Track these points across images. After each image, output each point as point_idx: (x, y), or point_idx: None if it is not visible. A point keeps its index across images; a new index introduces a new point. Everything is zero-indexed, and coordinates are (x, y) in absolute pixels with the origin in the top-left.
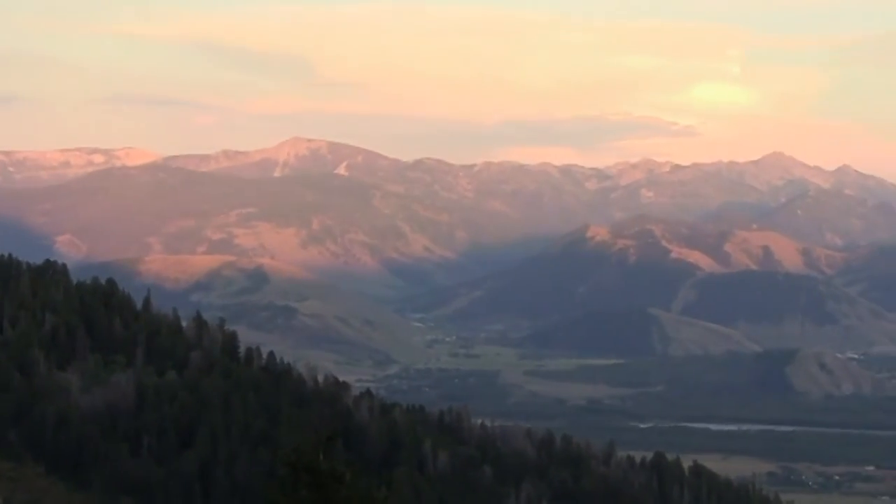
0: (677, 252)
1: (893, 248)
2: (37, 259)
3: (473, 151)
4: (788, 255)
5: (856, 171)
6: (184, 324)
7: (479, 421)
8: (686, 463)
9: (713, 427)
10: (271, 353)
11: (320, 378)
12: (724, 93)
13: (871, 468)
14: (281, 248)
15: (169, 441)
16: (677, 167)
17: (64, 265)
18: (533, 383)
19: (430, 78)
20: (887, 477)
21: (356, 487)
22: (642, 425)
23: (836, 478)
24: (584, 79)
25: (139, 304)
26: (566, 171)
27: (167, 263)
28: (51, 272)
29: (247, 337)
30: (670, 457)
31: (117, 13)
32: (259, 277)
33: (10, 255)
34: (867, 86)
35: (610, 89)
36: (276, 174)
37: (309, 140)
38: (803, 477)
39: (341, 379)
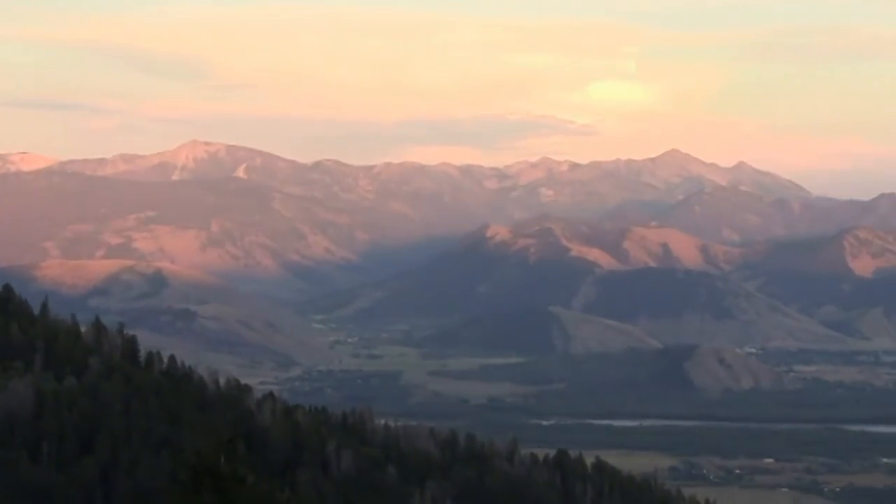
0: (577, 250)
1: (790, 244)
2: None
3: (373, 152)
4: (687, 251)
5: (752, 167)
6: (83, 329)
7: (383, 421)
8: (589, 459)
9: (615, 423)
10: (172, 357)
11: (222, 381)
12: (621, 90)
13: (770, 461)
14: (180, 252)
15: (69, 447)
16: (576, 166)
17: None
18: (436, 383)
19: (328, 79)
20: (786, 469)
21: (258, 490)
22: (545, 423)
23: (737, 471)
24: (483, 78)
25: (36, 310)
26: (466, 170)
27: (65, 269)
28: None
29: (147, 341)
30: (573, 454)
31: (9, 16)
32: (158, 281)
33: None
34: (762, 83)
35: (508, 88)
36: (175, 178)
37: (207, 143)
38: (704, 471)
39: (243, 382)
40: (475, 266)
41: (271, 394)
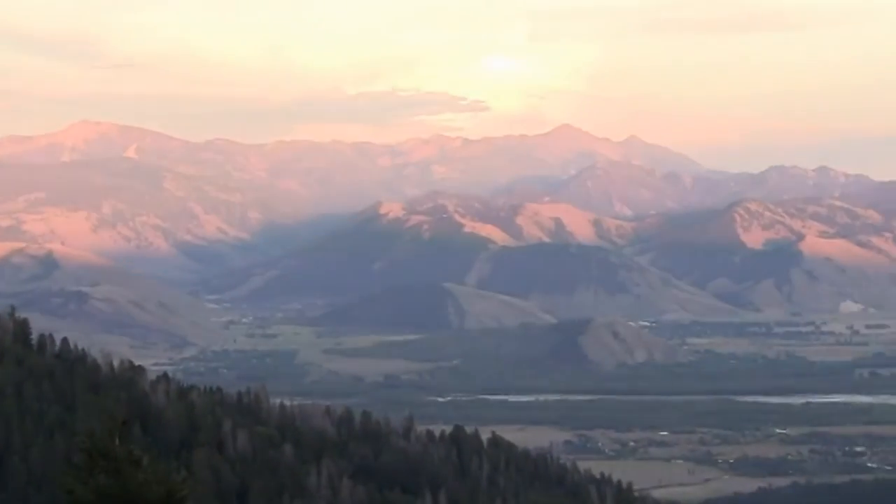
0: (470, 226)
1: (681, 217)
2: None
3: (265, 130)
4: (580, 226)
5: (644, 142)
6: None
7: (278, 401)
8: (484, 435)
9: (510, 399)
10: (65, 340)
11: (115, 363)
12: (513, 66)
13: (664, 433)
14: (71, 234)
15: None
16: (468, 142)
17: None
18: (331, 361)
19: (219, 57)
20: (680, 441)
21: (154, 471)
22: (440, 399)
23: (632, 444)
24: (374, 55)
25: None
26: (358, 148)
27: None
28: None
29: (39, 324)
30: (469, 429)
31: None
32: (49, 263)
33: None
34: (653, 57)
35: (399, 65)
36: (65, 159)
37: (97, 123)
38: (599, 444)
39: (137, 363)
40: (369, 244)
41: (165, 375)
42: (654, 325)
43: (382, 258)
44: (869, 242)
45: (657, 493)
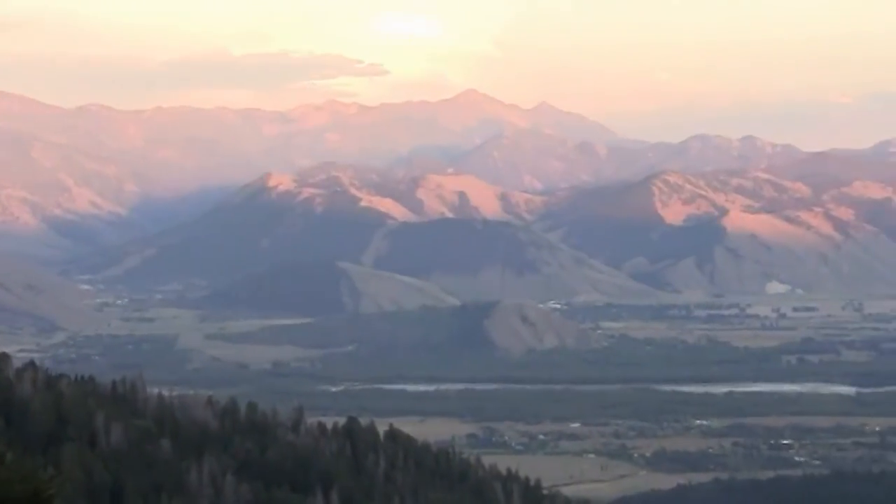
0: (367, 200)
1: (595, 191)
2: None
3: (142, 96)
4: (485, 200)
5: (555, 108)
6: None
7: (156, 390)
8: (381, 427)
9: (409, 388)
10: None
11: None
12: (413, 26)
13: (576, 425)
14: None
15: None
16: (365, 109)
17: None
18: (214, 347)
19: (91, 15)
20: (593, 434)
21: (18, 468)
22: (333, 388)
23: (541, 437)
24: (264, 13)
25: None
26: (245, 115)
27: None
28: None
29: None
30: (364, 421)
31: None
32: None
33: None
34: (565, 17)
35: (291, 25)
36: None
37: None
38: (506, 437)
39: (0, 350)
40: (256, 219)
41: (32, 362)
42: (565, 307)
43: (271, 235)
44: (797, 218)
45: (568, 491)
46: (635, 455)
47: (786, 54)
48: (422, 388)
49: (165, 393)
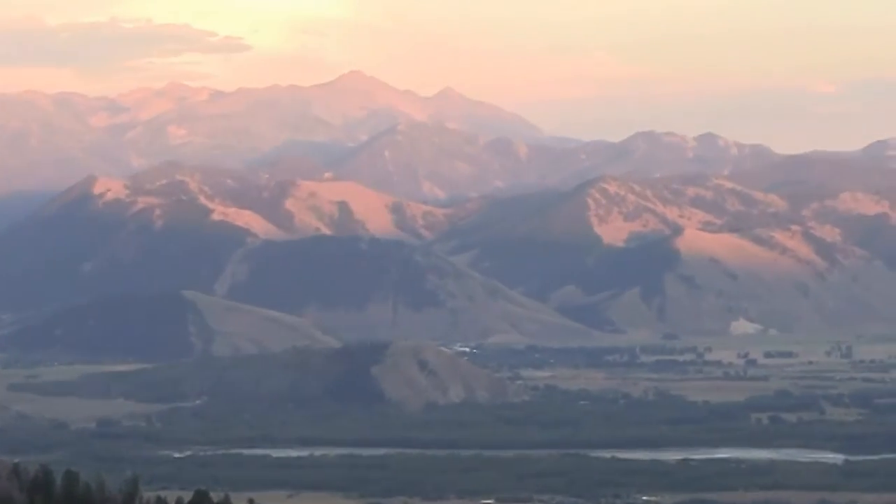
0: (221, 212)
1: (513, 202)
2: None
3: None
4: (373, 213)
5: (462, 97)
6: None
7: None
8: None
9: (275, 453)
10: None
11: None
12: None
13: (489, 502)
14: None
15: None
16: (218, 94)
17: None
18: (21, 401)
19: None
20: None
21: None
22: (177, 454)
23: None
24: None
25: None
26: (63, 101)
27: None
28: None
29: None
30: (216, 496)
31: None
32: None
33: None
34: None
35: None
36: None
37: None
38: None
39: None
40: (77, 235)
41: None
42: (475, 351)
43: (96, 256)
44: (770, 239)
45: None
46: None
47: (755, 32)
48: (291, 453)
49: None
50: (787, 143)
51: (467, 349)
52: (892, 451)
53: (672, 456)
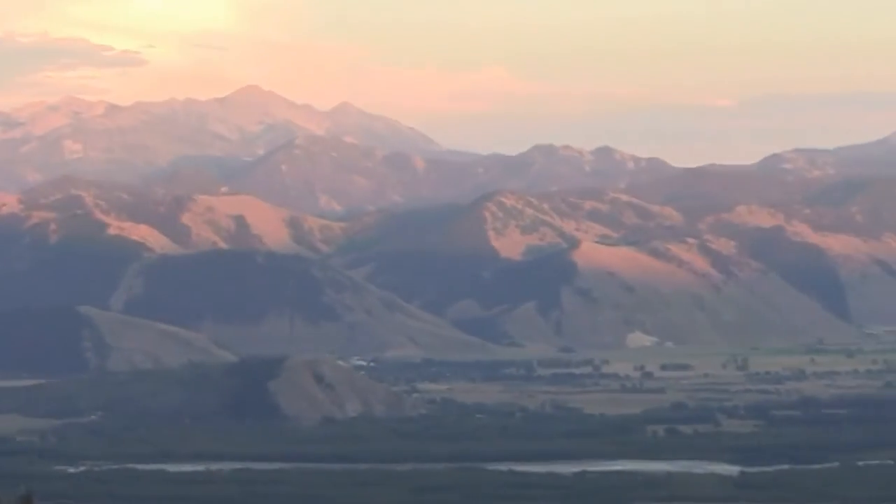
0: (117, 227)
1: (411, 216)
2: None
3: None
4: (270, 227)
5: (360, 111)
6: None
7: None
8: None
9: (170, 468)
10: None
11: None
12: (179, 5)
13: None
14: None
15: None
16: (115, 109)
17: None
18: None
19: None
20: None
21: None
22: (72, 469)
23: None
24: None
25: None
26: None
27: None
28: None
29: None
30: None
31: None
32: None
33: None
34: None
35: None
36: None
37: None
38: None
39: None
40: None
41: None
42: (372, 365)
43: None
44: (666, 252)
45: None
46: None
47: (651, 46)
48: (186, 468)
49: None
50: (684, 156)
51: (364, 363)
52: (786, 463)
53: (568, 469)
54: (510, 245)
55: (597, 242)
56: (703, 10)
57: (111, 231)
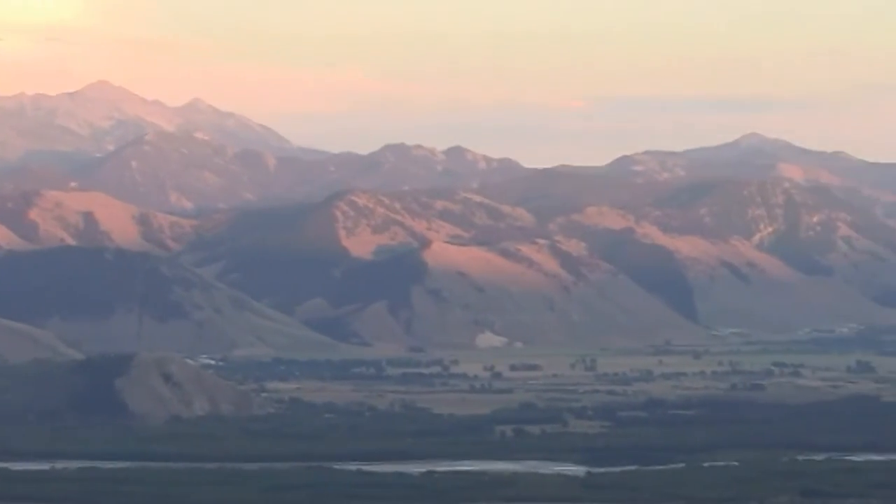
0: None
1: (262, 214)
2: None
3: None
4: (119, 224)
5: (211, 107)
6: None
7: None
8: None
9: (13, 467)
10: None
11: None
12: None
13: None
14: None
15: None
16: None
17: None
18: None
19: None
20: None
21: None
22: None
23: None
24: None
25: None
26: None
27: None
28: None
29: None
30: None
31: None
32: None
33: None
34: None
35: None
36: None
37: None
38: None
39: None
40: None
41: None
42: (221, 363)
43: None
44: (517, 252)
45: None
46: None
47: (503, 47)
48: (30, 466)
49: None
50: (535, 157)
51: (213, 361)
52: (633, 463)
53: (417, 468)
54: (361, 244)
55: (448, 242)
56: (555, 9)
57: None
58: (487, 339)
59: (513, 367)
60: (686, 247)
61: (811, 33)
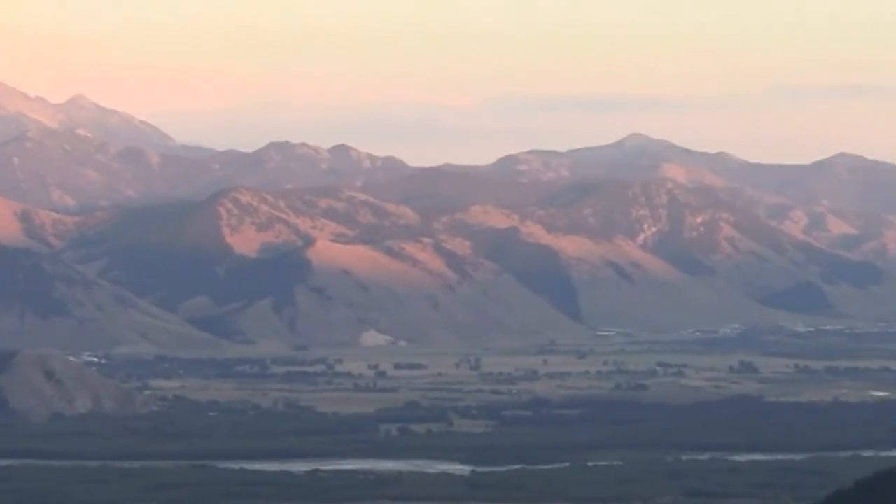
0: None
1: (145, 211)
2: None
3: None
4: (1, 220)
5: (94, 103)
6: None
7: None
8: None
9: None
10: None
11: None
12: None
13: None
14: None
15: None
16: None
17: None
18: None
19: None
20: None
21: None
22: None
23: None
24: None
25: None
26: None
27: None
28: None
29: None
30: None
31: None
32: None
33: None
34: None
35: None
36: None
37: None
38: None
39: None
40: None
41: None
42: (104, 361)
43: None
44: (401, 251)
45: None
46: None
47: (387, 45)
48: None
49: None
50: (420, 155)
51: (96, 359)
52: (517, 463)
53: (300, 467)
54: (245, 242)
55: (332, 241)
56: (441, 5)
57: None
58: (372, 338)
59: (397, 366)
60: (570, 246)
61: (695, 34)
